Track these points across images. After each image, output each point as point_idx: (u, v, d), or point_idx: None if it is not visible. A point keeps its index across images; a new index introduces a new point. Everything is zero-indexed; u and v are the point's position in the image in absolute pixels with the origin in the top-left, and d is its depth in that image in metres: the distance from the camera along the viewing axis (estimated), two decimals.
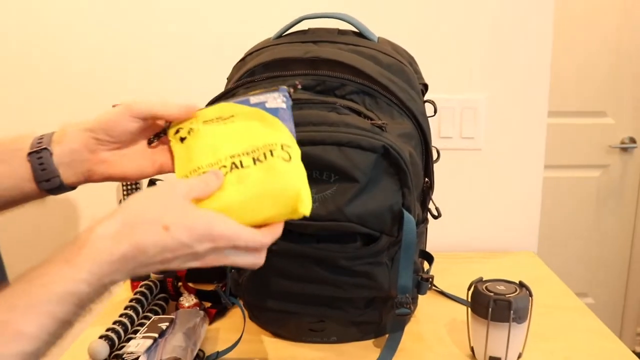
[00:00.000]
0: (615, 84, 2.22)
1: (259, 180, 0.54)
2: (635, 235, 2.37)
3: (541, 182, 1.20)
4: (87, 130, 0.60)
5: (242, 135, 0.58)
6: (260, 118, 0.59)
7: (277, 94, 0.61)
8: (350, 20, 0.82)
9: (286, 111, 0.60)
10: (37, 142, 0.59)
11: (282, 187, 0.54)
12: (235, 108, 0.60)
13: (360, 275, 0.74)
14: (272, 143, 0.56)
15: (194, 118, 0.61)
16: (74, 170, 0.61)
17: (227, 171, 0.56)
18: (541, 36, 1.13)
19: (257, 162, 0.55)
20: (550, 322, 0.86)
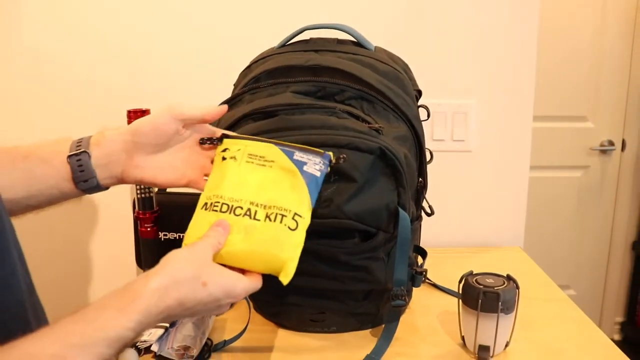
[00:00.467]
0: (595, 91, 2.22)
1: (262, 240, 0.58)
2: (614, 231, 2.37)
3: (527, 182, 1.19)
4: (126, 133, 0.61)
5: (269, 186, 0.61)
6: (292, 177, 0.61)
7: (319, 159, 0.63)
8: (349, 30, 0.81)
9: (318, 180, 0.62)
10: (77, 145, 0.60)
11: (275, 255, 0.58)
12: (279, 156, 0.62)
13: (359, 269, 0.74)
14: (287, 209, 0.59)
15: (245, 146, 0.63)
16: (110, 171, 0.61)
17: (242, 213, 0.59)
18: (526, 47, 1.12)
19: (267, 220, 0.59)
20: (535, 313, 0.85)
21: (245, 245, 0.58)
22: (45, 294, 0.58)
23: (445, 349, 0.77)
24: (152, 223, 0.94)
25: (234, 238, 0.58)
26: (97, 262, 1.21)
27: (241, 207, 0.59)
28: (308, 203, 0.61)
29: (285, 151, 0.62)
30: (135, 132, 0.61)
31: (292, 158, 0.62)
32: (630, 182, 2.33)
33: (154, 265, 0.53)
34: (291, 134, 0.69)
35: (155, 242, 0.95)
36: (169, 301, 0.50)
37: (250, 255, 0.58)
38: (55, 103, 1.14)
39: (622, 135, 2.28)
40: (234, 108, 0.77)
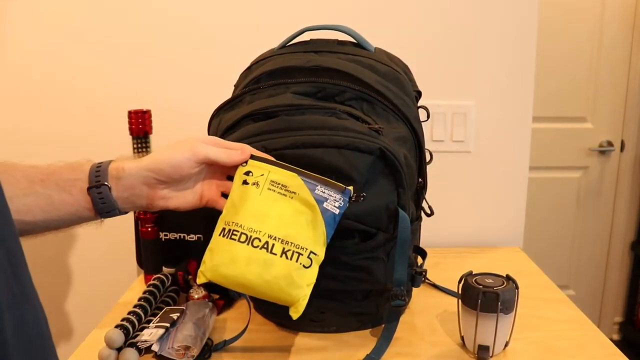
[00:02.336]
0: (594, 92, 2.22)
1: (277, 277, 0.60)
2: (613, 231, 2.37)
3: (526, 183, 1.19)
4: (146, 169, 0.61)
5: (289, 221, 0.62)
6: (312, 212, 0.63)
7: (339, 196, 0.64)
8: (349, 31, 0.81)
9: (336, 217, 0.63)
10: (96, 176, 0.60)
11: (288, 294, 0.61)
12: (301, 189, 0.63)
13: (359, 270, 0.74)
14: (304, 247, 0.61)
15: (268, 172, 0.64)
16: (133, 203, 0.62)
17: (260, 245, 0.60)
18: (526, 48, 1.12)
19: (284, 257, 0.60)
20: (534, 313, 0.85)
21: (262, 281, 0.60)
22: (45, 294, 0.58)
23: (444, 349, 0.76)
24: (152, 223, 0.94)
25: (252, 270, 0.60)
26: (97, 262, 1.21)
27: (259, 239, 0.60)
28: (324, 240, 0.63)
29: (308, 183, 0.63)
30: (156, 171, 0.61)
31: (314, 192, 0.63)
32: (629, 182, 2.33)
33: (155, 265, 0.52)
34: (291, 135, 0.69)
35: (156, 242, 0.95)
36: None
37: (265, 289, 0.61)
38: (55, 103, 1.14)
39: (621, 136, 2.28)
40: (234, 109, 0.77)
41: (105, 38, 1.11)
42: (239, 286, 0.61)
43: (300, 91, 0.74)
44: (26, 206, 0.57)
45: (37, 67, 1.12)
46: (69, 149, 1.15)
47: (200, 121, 0.87)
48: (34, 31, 1.11)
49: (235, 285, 0.62)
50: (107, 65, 1.12)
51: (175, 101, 1.13)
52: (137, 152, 0.93)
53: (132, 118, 0.92)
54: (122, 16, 1.10)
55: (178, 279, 0.91)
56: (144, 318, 0.78)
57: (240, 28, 1.11)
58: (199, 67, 1.13)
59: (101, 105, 1.14)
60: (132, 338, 0.73)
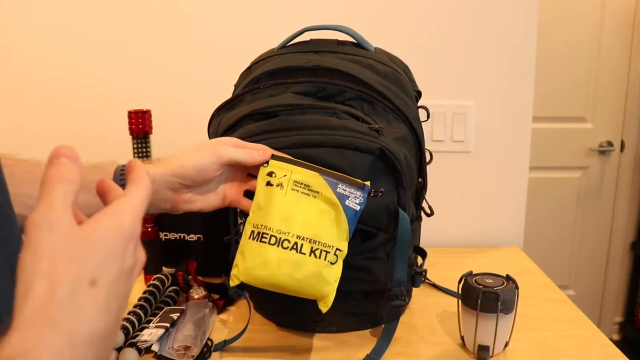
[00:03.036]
0: (594, 92, 2.22)
1: (307, 276, 0.63)
2: (613, 231, 2.37)
3: (526, 182, 1.19)
4: (173, 175, 0.61)
5: (314, 220, 0.64)
6: (335, 210, 0.65)
7: (360, 192, 0.66)
8: (349, 31, 0.81)
9: (357, 213, 0.65)
10: (120, 179, 0.60)
11: (318, 291, 0.64)
12: (324, 187, 0.65)
13: (359, 269, 0.74)
14: (330, 245, 0.63)
15: (290, 172, 0.65)
16: (156, 207, 0.63)
17: (289, 246, 0.63)
18: (526, 47, 1.12)
19: (312, 256, 0.63)
20: (534, 313, 0.85)
21: (293, 280, 0.63)
22: None
23: (444, 349, 0.76)
24: (152, 223, 0.94)
25: (283, 271, 0.62)
26: None
27: (288, 241, 0.63)
28: (346, 236, 0.65)
29: (330, 182, 0.65)
30: (181, 175, 0.61)
31: (336, 190, 0.65)
32: (629, 182, 2.33)
33: (155, 265, 0.52)
34: (292, 134, 0.69)
35: (156, 242, 0.95)
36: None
37: (296, 288, 0.63)
38: (56, 103, 1.14)
39: (621, 136, 2.28)
40: (234, 109, 0.77)
41: (105, 38, 1.11)
42: (270, 286, 0.64)
43: (300, 91, 0.74)
44: None
45: (37, 67, 1.12)
46: None
47: (200, 121, 0.87)
48: (34, 31, 1.11)
49: (267, 286, 0.64)
50: (107, 65, 1.12)
51: (175, 101, 1.13)
52: (137, 152, 0.93)
53: (132, 118, 0.92)
54: (122, 16, 1.10)
55: (178, 279, 0.91)
56: (144, 318, 0.78)
57: (240, 28, 1.11)
58: (199, 67, 1.13)
59: (101, 105, 1.14)
60: (132, 338, 0.73)
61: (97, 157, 1.23)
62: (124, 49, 1.12)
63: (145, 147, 0.94)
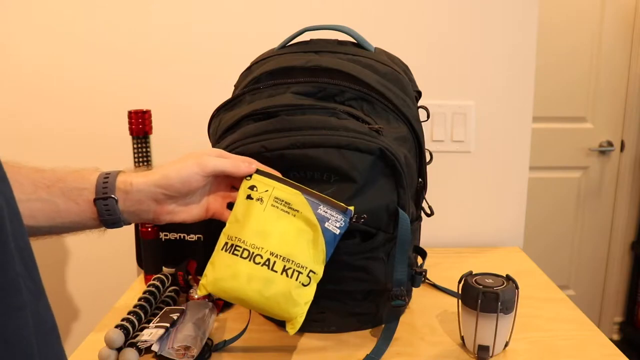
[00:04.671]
0: (594, 92, 2.22)
1: (277, 295, 0.61)
2: (613, 231, 2.38)
3: (526, 183, 1.19)
4: (157, 186, 0.61)
5: (290, 239, 0.63)
6: (313, 232, 0.64)
7: (341, 217, 0.65)
8: (349, 31, 0.81)
9: (336, 237, 0.64)
10: (103, 187, 0.59)
11: (286, 311, 0.62)
12: (304, 207, 0.64)
13: (359, 269, 0.74)
14: (304, 266, 0.62)
15: (272, 188, 0.64)
16: (139, 217, 0.63)
17: (261, 262, 0.61)
18: (526, 48, 1.12)
19: (284, 274, 0.61)
20: (534, 313, 0.85)
21: (262, 297, 0.61)
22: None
23: (444, 349, 0.76)
24: (152, 223, 0.94)
25: (252, 287, 0.61)
26: (97, 262, 1.21)
27: (261, 256, 0.61)
28: (323, 258, 0.64)
29: (311, 202, 0.64)
30: (165, 186, 0.61)
31: (317, 212, 0.64)
32: (629, 182, 2.33)
33: (155, 265, 0.53)
34: (292, 135, 0.69)
35: (156, 242, 0.95)
36: None
37: (263, 305, 0.62)
38: (56, 103, 1.14)
39: (621, 136, 2.28)
40: (234, 109, 0.77)
41: (105, 38, 1.11)
42: (237, 300, 0.63)
43: (300, 91, 0.74)
44: (30, 211, 0.56)
45: (37, 67, 1.12)
46: (69, 149, 1.15)
47: (200, 121, 0.87)
48: (33, 31, 1.11)
49: (234, 299, 0.63)
50: (107, 65, 1.12)
51: (175, 101, 1.13)
52: (137, 152, 0.93)
53: (132, 118, 0.92)
54: (122, 16, 1.10)
55: (178, 279, 0.91)
56: (144, 318, 0.78)
57: (241, 28, 1.11)
58: (199, 67, 1.13)
59: (101, 105, 1.14)
60: (132, 338, 0.73)
61: (97, 157, 1.24)
62: (124, 49, 1.12)
63: (145, 147, 0.94)
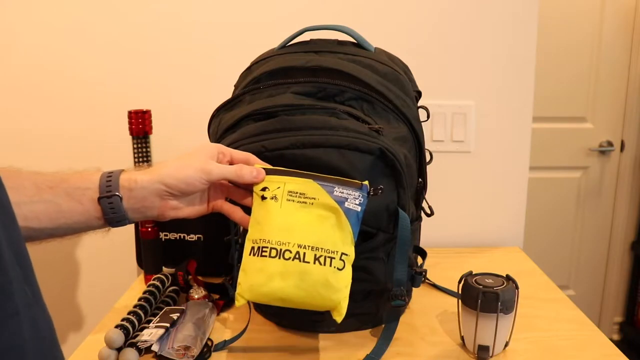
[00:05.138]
0: (594, 92, 2.22)
1: (315, 285, 0.60)
2: (613, 231, 2.37)
3: (526, 183, 1.19)
4: (158, 183, 0.61)
5: (314, 227, 0.62)
6: (335, 215, 0.62)
7: (358, 193, 0.64)
8: (349, 31, 0.81)
9: (359, 214, 0.63)
10: (107, 186, 0.59)
11: (329, 299, 0.61)
12: (320, 193, 0.63)
13: (359, 270, 0.73)
14: (335, 250, 0.61)
15: (284, 183, 0.64)
16: (144, 214, 0.62)
17: (291, 256, 0.60)
18: (525, 47, 1.12)
19: (317, 263, 0.60)
20: (534, 313, 0.85)
21: (301, 291, 0.60)
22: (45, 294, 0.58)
23: (444, 349, 0.76)
24: (152, 223, 0.94)
25: (289, 283, 0.60)
26: (97, 262, 1.21)
27: (290, 251, 0.60)
28: (351, 239, 0.63)
29: (325, 186, 0.63)
30: (169, 185, 0.61)
31: (333, 194, 0.63)
32: (629, 182, 2.33)
33: (155, 265, 0.53)
34: (292, 135, 0.69)
35: (156, 242, 0.95)
36: None
37: (304, 299, 0.61)
38: (56, 103, 1.14)
39: (621, 136, 2.28)
40: (234, 109, 0.77)
41: (105, 38, 1.11)
42: (279, 301, 0.61)
43: (300, 91, 0.74)
44: (33, 213, 0.56)
45: (37, 67, 1.12)
46: (69, 149, 1.15)
47: (200, 121, 0.87)
48: (34, 31, 1.11)
49: (275, 301, 0.62)
50: (107, 65, 1.12)
51: (175, 101, 1.13)
52: (137, 152, 0.93)
53: (132, 118, 0.92)
54: (122, 16, 1.10)
55: (178, 279, 0.91)
56: (144, 318, 0.78)
57: (240, 28, 1.11)
58: (199, 67, 1.13)
59: (101, 105, 1.14)
60: (132, 338, 0.73)
61: (97, 157, 1.24)
62: (124, 48, 1.12)
63: (145, 147, 0.94)
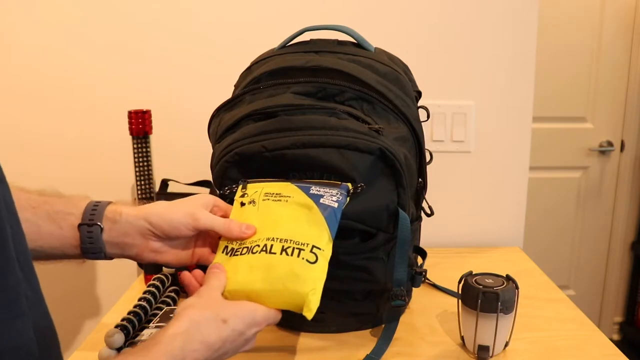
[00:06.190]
0: (594, 92, 2.22)
1: (281, 276, 0.56)
2: (613, 231, 2.37)
3: (526, 183, 1.19)
4: (146, 220, 0.59)
5: (286, 222, 0.60)
6: (309, 211, 0.61)
7: (336, 190, 0.63)
8: (349, 31, 0.81)
9: (336, 210, 0.61)
10: (90, 214, 0.58)
11: (295, 292, 0.56)
12: (295, 192, 0.63)
13: (359, 270, 0.74)
14: (305, 243, 0.58)
15: (262, 188, 0.64)
16: (122, 251, 0.60)
17: (259, 250, 0.58)
18: (525, 48, 1.12)
19: (284, 254, 0.57)
20: (534, 313, 0.85)
21: (266, 285, 0.56)
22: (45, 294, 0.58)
23: (444, 349, 0.76)
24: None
25: (255, 277, 0.57)
26: (97, 261, 1.21)
27: (258, 245, 0.59)
28: (327, 235, 0.60)
29: (302, 187, 0.63)
30: (154, 224, 0.59)
31: (308, 192, 0.62)
32: (629, 182, 2.33)
33: (155, 265, 0.52)
34: (292, 135, 0.69)
35: None
36: (195, 345, 0.49)
37: (271, 293, 0.57)
38: (55, 103, 1.14)
39: (621, 136, 2.28)
40: (234, 109, 0.77)
41: (105, 38, 1.11)
42: (248, 297, 0.58)
43: (300, 91, 0.74)
44: None
45: (37, 67, 1.12)
46: (69, 149, 1.15)
47: (200, 121, 0.87)
48: (34, 31, 1.11)
49: (246, 298, 0.59)
50: (107, 65, 1.12)
51: (175, 101, 1.13)
52: (137, 152, 0.93)
53: (132, 118, 0.92)
54: (122, 16, 1.10)
55: (178, 279, 0.91)
56: (144, 318, 0.78)
57: (241, 28, 1.11)
58: (199, 67, 1.13)
59: (101, 105, 1.14)
60: (132, 338, 0.73)
61: (97, 157, 1.24)
62: (124, 48, 1.12)
63: (145, 147, 0.94)
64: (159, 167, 1.08)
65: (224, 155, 0.71)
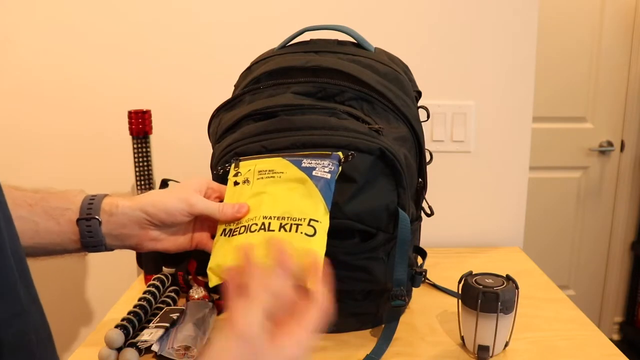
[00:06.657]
0: (594, 92, 2.22)
1: None
2: (613, 231, 2.37)
3: (526, 183, 1.19)
4: (140, 210, 0.59)
5: (281, 199, 0.60)
6: (303, 184, 0.61)
7: (327, 161, 0.63)
8: (349, 31, 0.81)
9: (329, 181, 0.61)
10: (87, 208, 0.58)
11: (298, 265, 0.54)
12: (287, 167, 0.63)
13: (358, 269, 0.74)
14: (302, 218, 0.58)
15: (254, 165, 0.64)
16: (122, 241, 0.61)
17: (257, 229, 0.58)
18: (526, 47, 1.12)
19: (282, 230, 0.57)
20: (534, 313, 0.85)
21: (268, 261, 0.54)
22: (45, 294, 0.58)
23: (444, 349, 0.76)
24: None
25: (257, 253, 0.55)
26: (97, 262, 1.21)
27: (256, 224, 0.59)
28: (323, 207, 0.60)
29: (293, 161, 0.63)
30: (150, 213, 0.60)
31: (300, 166, 0.62)
32: (629, 182, 2.33)
33: (155, 265, 0.52)
34: (292, 135, 0.69)
35: None
36: None
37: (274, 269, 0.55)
38: (56, 103, 1.14)
39: (621, 136, 2.28)
40: (234, 109, 0.77)
41: (105, 38, 1.11)
42: None
43: (300, 91, 0.74)
44: None
45: (37, 67, 1.12)
46: (70, 149, 1.15)
47: (200, 121, 0.87)
48: (34, 31, 1.11)
49: None
50: (107, 65, 1.12)
51: (175, 101, 1.13)
52: (137, 152, 0.93)
53: (132, 118, 0.92)
54: (122, 16, 1.10)
55: (178, 279, 0.91)
56: (144, 318, 0.78)
57: (241, 28, 1.11)
58: (199, 67, 1.13)
59: (101, 105, 1.14)
60: (132, 338, 0.73)
61: (97, 157, 1.24)
62: (124, 49, 1.12)
63: (145, 147, 0.94)
64: (159, 167, 1.08)
65: (224, 155, 0.71)
